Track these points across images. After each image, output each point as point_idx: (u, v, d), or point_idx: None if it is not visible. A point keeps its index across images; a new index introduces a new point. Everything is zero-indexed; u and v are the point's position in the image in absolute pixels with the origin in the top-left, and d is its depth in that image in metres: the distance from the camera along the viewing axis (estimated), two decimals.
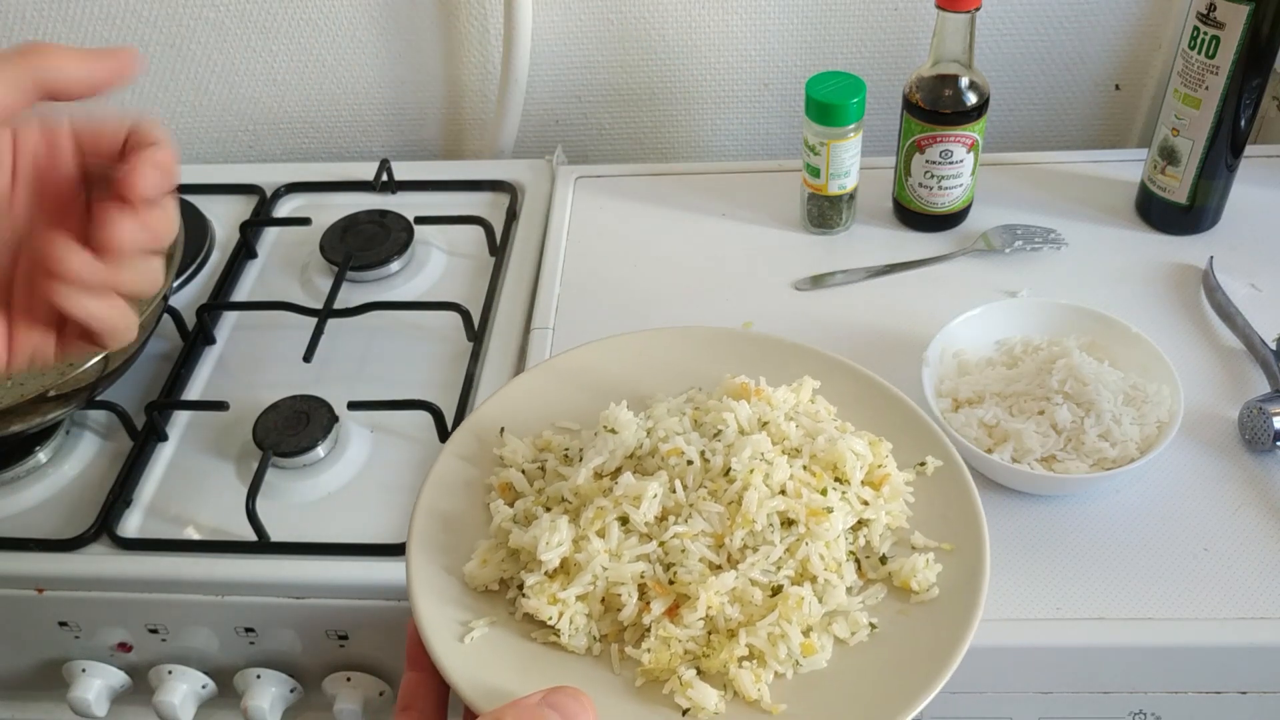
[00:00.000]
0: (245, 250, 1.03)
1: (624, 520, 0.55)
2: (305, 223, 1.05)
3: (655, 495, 0.55)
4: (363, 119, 1.21)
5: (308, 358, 0.88)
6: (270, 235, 1.07)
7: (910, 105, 0.91)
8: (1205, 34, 0.84)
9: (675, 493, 0.55)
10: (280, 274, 1.03)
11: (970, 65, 0.90)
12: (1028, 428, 0.75)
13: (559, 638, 0.53)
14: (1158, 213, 0.96)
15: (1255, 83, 0.85)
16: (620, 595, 0.53)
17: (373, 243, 1.01)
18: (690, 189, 1.05)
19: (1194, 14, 0.85)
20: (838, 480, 0.57)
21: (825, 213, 0.98)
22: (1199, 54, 0.85)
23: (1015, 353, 0.82)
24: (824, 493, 0.55)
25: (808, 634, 0.52)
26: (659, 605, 0.53)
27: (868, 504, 0.57)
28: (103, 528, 0.80)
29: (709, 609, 0.52)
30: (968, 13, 0.86)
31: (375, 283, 1.00)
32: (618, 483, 0.56)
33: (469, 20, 1.12)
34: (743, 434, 0.58)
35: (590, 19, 1.11)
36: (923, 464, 0.59)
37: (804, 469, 0.57)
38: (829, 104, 0.90)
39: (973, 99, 0.90)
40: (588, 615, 0.54)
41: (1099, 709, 0.73)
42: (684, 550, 0.54)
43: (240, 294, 1.00)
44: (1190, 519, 0.74)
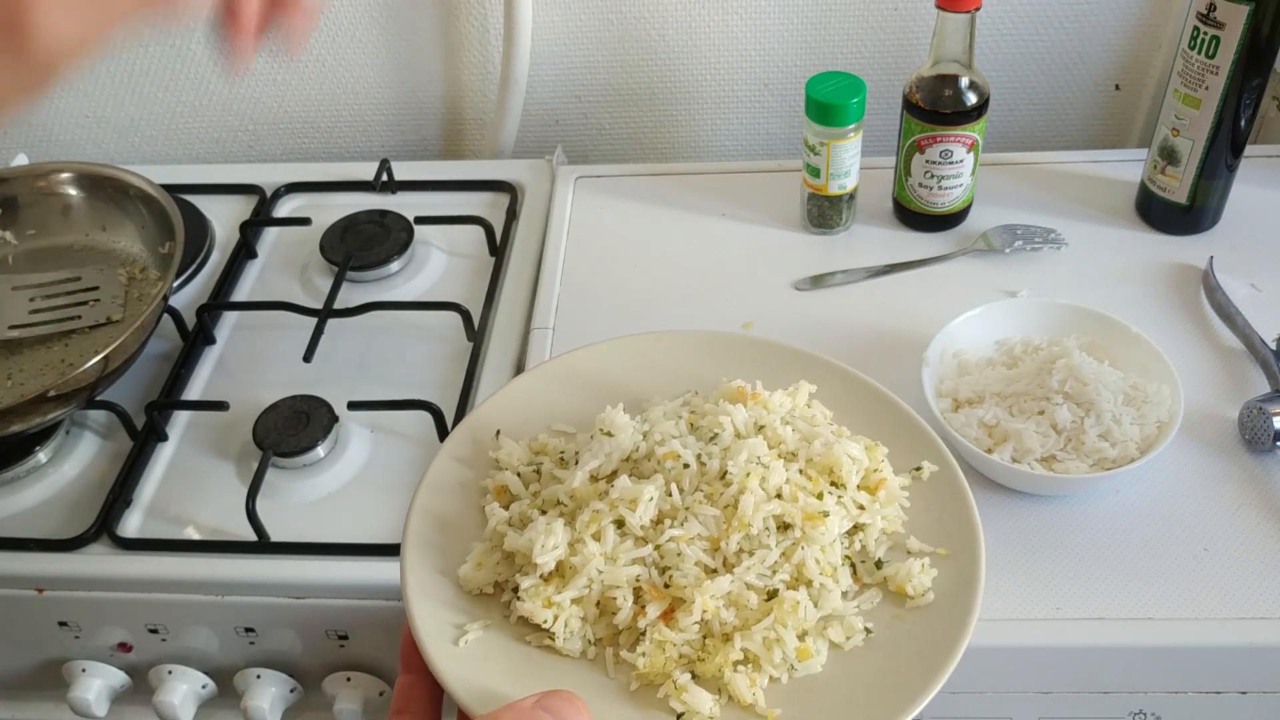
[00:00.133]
0: (245, 250, 1.03)
1: (620, 524, 0.55)
2: (305, 223, 1.05)
3: (651, 499, 0.55)
4: (363, 119, 1.21)
5: (308, 358, 0.88)
6: (270, 235, 1.07)
7: (910, 105, 0.91)
8: (1205, 34, 0.84)
9: (671, 496, 0.55)
10: (280, 274, 1.03)
11: (970, 65, 0.89)
12: (1028, 428, 0.75)
13: (554, 641, 0.53)
14: (1158, 213, 0.96)
15: (1255, 83, 0.85)
16: (615, 599, 0.53)
17: (373, 243, 1.01)
18: (690, 189, 1.05)
19: (1194, 14, 0.85)
20: (834, 485, 0.57)
21: (825, 213, 0.98)
22: (1199, 54, 0.85)
23: (1015, 353, 0.82)
24: (820, 497, 0.55)
25: (803, 638, 0.52)
26: (654, 609, 0.53)
27: (863, 509, 0.57)
28: (103, 528, 0.80)
29: (704, 613, 0.52)
30: (968, 13, 0.86)
31: (375, 283, 1.00)
32: (614, 486, 0.56)
33: (469, 20, 1.12)
34: (739, 438, 0.58)
35: (590, 19, 1.11)
36: (918, 469, 0.59)
37: (800, 473, 0.57)
38: (829, 104, 0.90)
39: (973, 99, 0.90)
40: (583, 619, 0.53)
41: (1099, 709, 0.73)
42: (679, 554, 0.53)
43: (240, 294, 1.00)
44: (1190, 519, 0.74)
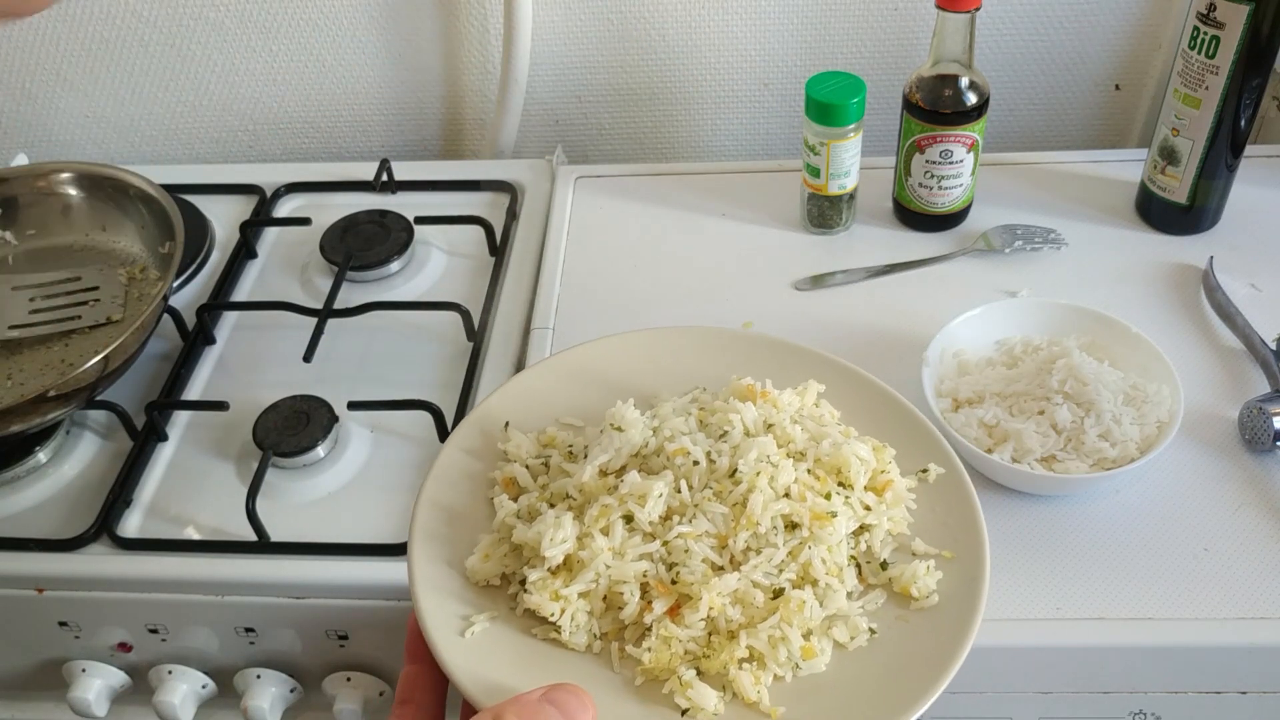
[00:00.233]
0: (245, 250, 1.03)
1: (628, 519, 0.55)
2: (305, 223, 1.05)
3: (660, 495, 0.55)
4: (363, 119, 1.21)
5: (308, 358, 0.88)
6: (270, 235, 1.07)
7: (910, 105, 0.91)
8: (1205, 34, 0.84)
9: (680, 493, 0.55)
10: (280, 274, 1.02)
11: (970, 65, 0.89)
12: (1028, 428, 0.75)
13: (560, 634, 0.53)
14: (1158, 213, 0.96)
15: (1255, 83, 0.85)
16: (622, 594, 0.53)
17: (373, 243, 1.01)
18: (690, 189, 1.05)
19: (1194, 14, 0.85)
20: (841, 485, 0.57)
21: (825, 213, 0.98)
22: (1199, 54, 0.85)
23: (1015, 353, 0.82)
24: (828, 497, 0.55)
25: (808, 637, 0.52)
26: (661, 605, 0.53)
27: (870, 509, 0.57)
28: (103, 528, 0.80)
29: (710, 610, 0.52)
30: (968, 13, 0.86)
31: (375, 283, 1.00)
32: (623, 481, 0.56)
33: (469, 20, 1.12)
34: (748, 436, 0.58)
35: (590, 19, 1.11)
36: (925, 471, 0.59)
37: (808, 473, 0.57)
38: (829, 104, 0.90)
39: (973, 99, 0.90)
40: (589, 613, 0.54)
41: (1099, 709, 0.73)
42: (687, 550, 0.54)
43: (240, 294, 1.00)
44: (1190, 519, 0.74)
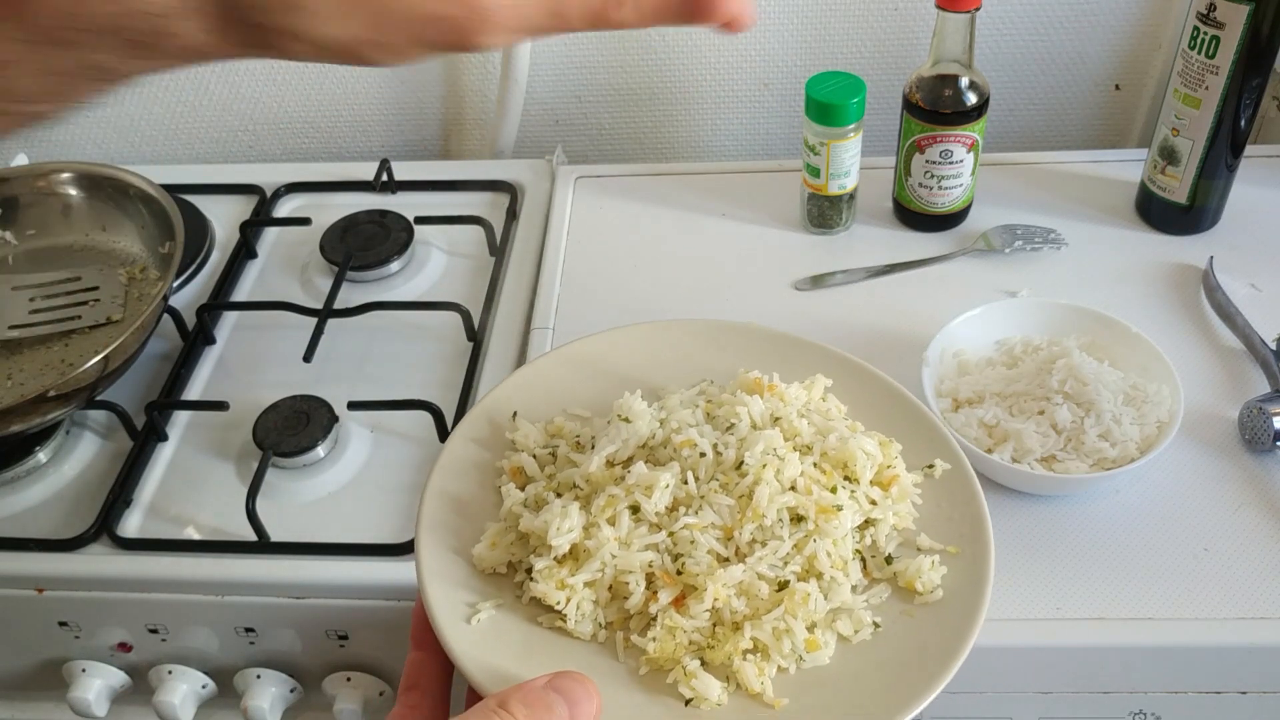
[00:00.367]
0: (245, 250, 1.03)
1: (635, 509, 0.55)
2: (305, 223, 1.05)
3: (667, 486, 0.55)
4: (363, 119, 1.21)
5: (308, 358, 0.88)
6: (270, 235, 1.07)
7: (910, 105, 0.91)
8: (1205, 34, 0.84)
9: (687, 484, 0.56)
10: (280, 274, 1.02)
11: (970, 65, 0.89)
12: (1028, 428, 0.75)
13: (565, 623, 0.53)
14: (1158, 213, 0.96)
15: (1255, 83, 0.85)
16: (628, 583, 0.53)
17: (373, 243, 1.01)
18: (690, 189, 1.05)
19: (1194, 14, 0.85)
20: (847, 479, 0.57)
21: (825, 213, 0.98)
22: (1199, 54, 0.85)
23: (1015, 353, 0.82)
24: (834, 491, 0.56)
25: (812, 630, 0.53)
26: (666, 595, 0.53)
27: (875, 504, 0.57)
28: (103, 528, 0.80)
29: (715, 601, 0.52)
30: (968, 13, 0.86)
31: (375, 283, 1.00)
32: (630, 472, 0.56)
33: None
34: (755, 429, 0.58)
35: None
36: (931, 466, 0.59)
37: (814, 466, 0.57)
38: (829, 104, 0.90)
39: (973, 99, 0.90)
40: (595, 602, 0.54)
41: (1099, 709, 0.73)
42: (693, 542, 0.54)
43: (240, 294, 1.00)
44: (1190, 519, 0.74)
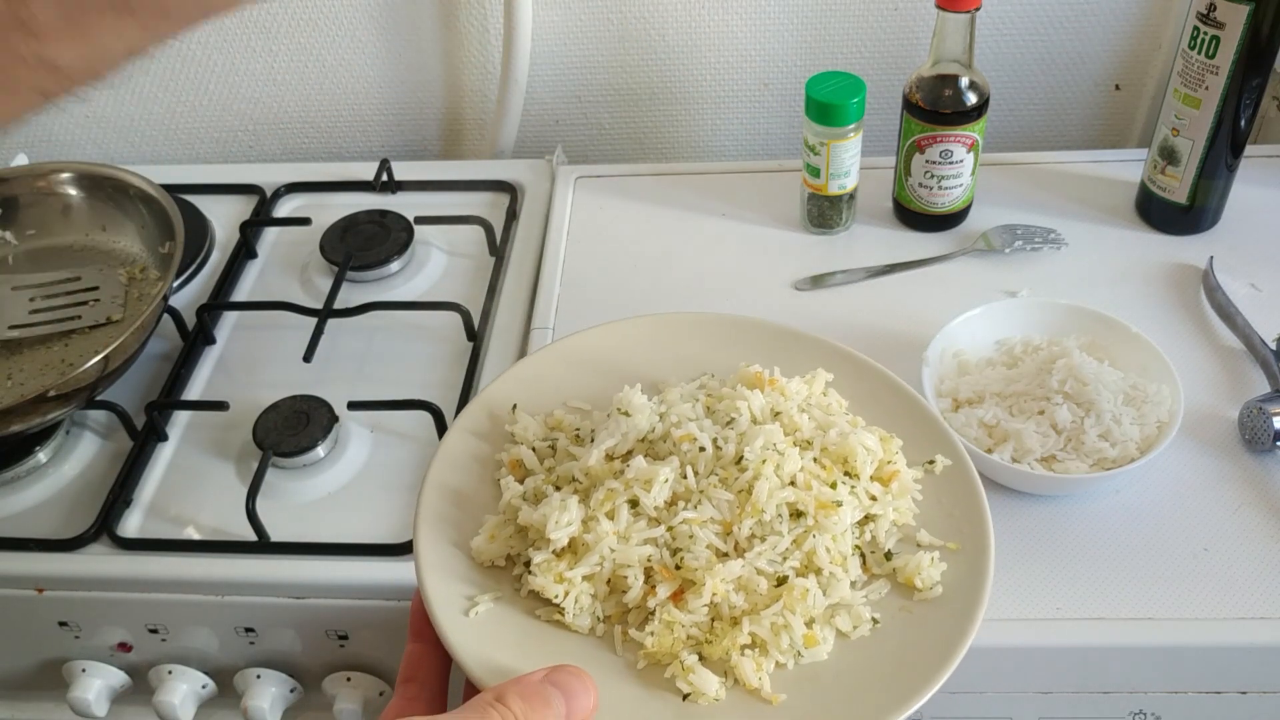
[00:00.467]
0: (245, 250, 1.03)
1: (634, 503, 0.55)
2: (305, 223, 1.05)
3: (666, 480, 0.55)
4: (363, 119, 1.21)
5: (308, 358, 0.88)
6: (270, 235, 1.07)
7: (910, 105, 0.91)
8: (1205, 34, 0.84)
9: (686, 478, 0.56)
10: (280, 274, 1.02)
11: (970, 65, 0.89)
12: (1028, 428, 0.75)
13: (563, 617, 0.53)
14: (1158, 213, 0.96)
15: (1255, 83, 0.85)
16: (626, 577, 0.54)
17: (373, 243, 1.01)
18: (690, 189, 1.05)
19: (1194, 14, 0.85)
20: (847, 474, 0.57)
21: (825, 213, 0.98)
22: (1199, 54, 0.85)
23: (1015, 353, 0.82)
24: (834, 486, 0.56)
25: (810, 625, 0.53)
26: (664, 589, 0.53)
27: (875, 500, 0.57)
28: (103, 528, 0.80)
29: (714, 596, 0.53)
30: (968, 13, 0.86)
31: (375, 283, 1.00)
32: (629, 465, 0.56)
33: (469, 20, 1.12)
34: (755, 423, 0.58)
35: (590, 19, 1.11)
36: (931, 462, 0.59)
37: (814, 461, 0.57)
38: (829, 104, 0.90)
39: (973, 99, 0.90)
40: (593, 596, 0.54)
41: (1099, 709, 0.73)
42: (692, 536, 0.54)
43: (240, 294, 1.00)
44: (1190, 519, 0.74)
